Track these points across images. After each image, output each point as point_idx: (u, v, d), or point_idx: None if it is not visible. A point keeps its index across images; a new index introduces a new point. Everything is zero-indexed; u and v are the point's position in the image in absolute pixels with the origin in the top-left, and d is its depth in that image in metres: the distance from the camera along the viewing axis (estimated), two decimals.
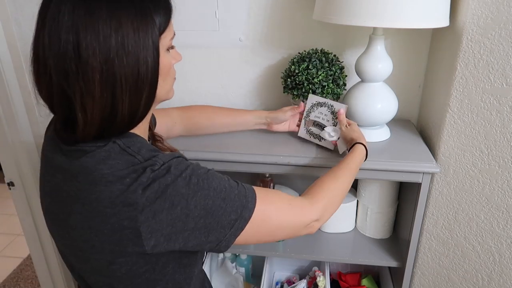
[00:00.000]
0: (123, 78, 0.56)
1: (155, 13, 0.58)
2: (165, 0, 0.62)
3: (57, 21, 0.55)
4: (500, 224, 1.07)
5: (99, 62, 0.54)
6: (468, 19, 0.92)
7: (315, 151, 1.07)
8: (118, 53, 0.55)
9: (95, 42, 0.54)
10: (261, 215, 0.67)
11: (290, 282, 1.50)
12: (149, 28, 0.57)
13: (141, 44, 0.57)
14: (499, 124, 0.98)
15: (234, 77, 1.34)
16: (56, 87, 0.57)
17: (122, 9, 0.55)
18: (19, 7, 1.34)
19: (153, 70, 0.60)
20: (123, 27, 0.55)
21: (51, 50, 0.55)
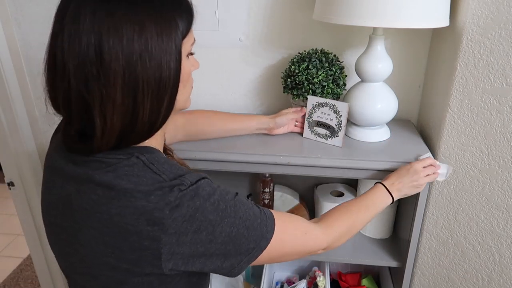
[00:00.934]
0: (146, 83, 0.55)
1: (178, 17, 0.57)
2: (187, 5, 0.61)
3: (78, 24, 0.52)
4: (500, 224, 1.07)
5: (122, 66, 0.53)
6: (468, 19, 0.92)
7: (315, 151, 1.07)
8: (142, 56, 0.53)
9: (118, 45, 0.52)
10: (276, 243, 0.67)
11: (290, 282, 1.50)
12: (172, 32, 0.56)
13: (164, 48, 0.55)
14: (499, 124, 0.98)
15: (234, 77, 1.34)
16: (74, 93, 0.54)
17: (145, 12, 0.54)
18: (19, 7, 1.34)
19: (175, 75, 0.58)
20: (147, 30, 0.53)
21: (70, 54, 0.52)
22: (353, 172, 1.04)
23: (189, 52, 0.63)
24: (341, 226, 0.81)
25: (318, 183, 1.39)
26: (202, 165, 1.08)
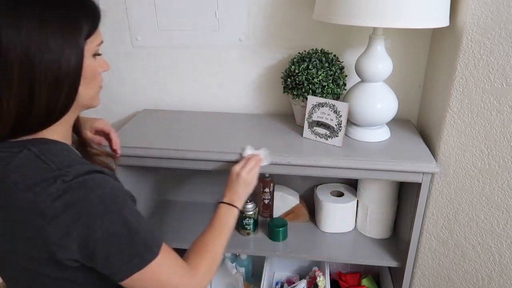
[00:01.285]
0: (43, 74, 0.59)
1: (83, 18, 0.62)
2: (94, 7, 0.65)
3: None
4: (500, 224, 1.07)
5: (19, 56, 0.57)
6: (468, 19, 0.92)
7: (315, 151, 1.07)
8: (40, 49, 0.58)
9: (16, 37, 0.56)
10: (157, 265, 0.66)
11: (290, 282, 1.50)
12: (74, 31, 0.61)
13: (65, 44, 0.60)
14: (499, 124, 0.98)
15: (234, 77, 1.34)
16: None
17: (49, 10, 0.59)
18: None
19: (75, 70, 0.62)
20: (48, 26, 0.58)
21: None
22: (353, 172, 1.04)
23: (95, 52, 0.68)
24: (206, 263, 0.79)
25: (318, 183, 1.39)
26: (202, 165, 1.09)
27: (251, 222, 1.28)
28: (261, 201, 1.37)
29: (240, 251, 1.32)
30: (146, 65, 1.37)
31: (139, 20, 1.30)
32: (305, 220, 1.37)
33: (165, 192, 1.54)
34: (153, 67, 1.37)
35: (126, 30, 1.32)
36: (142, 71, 1.38)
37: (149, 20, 1.29)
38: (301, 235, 1.31)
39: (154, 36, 1.31)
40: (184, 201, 1.52)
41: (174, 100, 1.42)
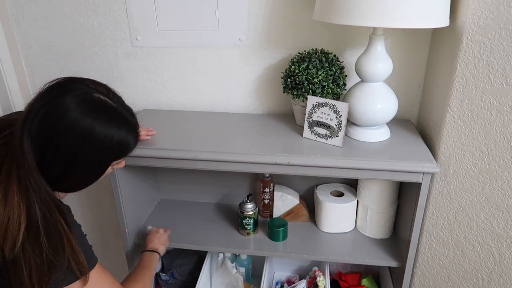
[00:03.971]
0: (77, 170, 0.79)
1: (124, 152, 0.85)
2: (130, 150, 0.86)
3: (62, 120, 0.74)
4: (500, 224, 1.07)
5: (72, 151, 0.76)
6: (468, 19, 0.92)
7: (315, 151, 1.07)
8: (85, 152, 0.77)
9: (80, 138, 0.76)
10: (93, 281, 0.82)
11: (290, 282, 1.50)
12: (112, 156, 0.84)
13: (101, 160, 0.82)
14: (499, 124, 0.98)
15: (234, 77, 1.34)
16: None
17: (105, 136, 0.78)
18: (19, 7, 1.34)
19: (97, 177, 0.85)
20: (98, 141, 0.77)
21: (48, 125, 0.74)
22: (353, 172, 1.04)
23: (116, 164, 0.89)
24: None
25: (318, 183, 1.39)
26: (202, 165, 1.09)
27: (251, 222, 1.28)
28: (261, 201, 1.37)
29: (240, 251, 1.32)
30: (146, 65, 1.37)
31: (139, 20, 1.30)
32: (305, 220, 1.37)
33: (165, 192, 1.54)
34: (153, 67, 1.37)
35: (126, 30, 1.32)
36: (142, 71, 1.38)
37: (149, 20, 1.29)
38: (301, 235, 1.31)
39: (154, 36, 1.31)
40: (184, 201, 1.52)
41: (174, 100, 1.42)
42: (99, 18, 1.32)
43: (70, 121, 0.73)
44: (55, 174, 0.77)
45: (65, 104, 0.73)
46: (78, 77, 0.81)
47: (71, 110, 0.73)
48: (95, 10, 1.31)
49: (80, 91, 0.76)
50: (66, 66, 1.41)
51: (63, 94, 0.74)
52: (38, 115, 0.73)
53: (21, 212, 0.72)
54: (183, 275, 1.47)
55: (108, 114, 0.78)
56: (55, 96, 0.74)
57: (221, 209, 1.47)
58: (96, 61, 1.39)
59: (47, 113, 0.73)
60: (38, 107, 0.73)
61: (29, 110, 0.74)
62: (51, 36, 1.37)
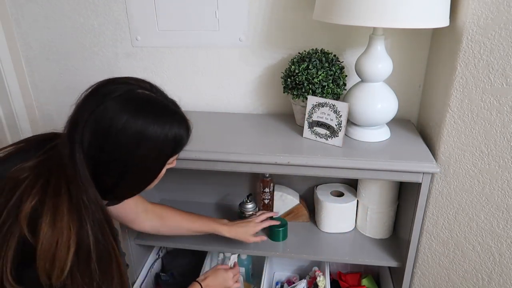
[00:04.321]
0: (132, 173, 0.74)
1: (179, 146, 0.78)
2: (185, 144, 0.80)
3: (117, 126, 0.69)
4: (500, 224, 1.07)
5: (127, 156, 0.71)
6: (468, 19, 0.92)
7: (315, 151, 1.07)
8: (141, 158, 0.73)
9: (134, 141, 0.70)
10: None
11: (290, 282, 1.50)
12: (166, 158, 0.77)
13: (160, 159, 0.76)
14: (499, 124, 0.98)
15: (234, 77, 1.34)
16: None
17: (158, 135, 0.72)
18: (19, 7, 1.34)
19: (153, 178, 0.79)
20: (153, 141, 0.72)
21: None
22: (353, 172, 1.04)
23: (170, 164, 0.82)
24: None
25: (318, 183, 1.39)
26: (202, 165, 1.09)
27: None
28: (261, 201, 1.37)
29: (240, 251, 1.32)
30: (146, 65, 1.37)
31: (139, 20, 1.30)
32: (305, 220, 1.37)
33: (165, 192, 1.54)
34: (153, 67, 1.37)
35: (126, 30, 1.32)
36: (142, 71, 1.38)
37: (149, 20, 1.29)
38: (301, 235, 1.31)
39: (154, 36, 1.31)
40: (184, 201, 1.52)
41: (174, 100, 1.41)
42: (99, 18, 1.32)
43: (121, 125, 0.68)
44: (108, 185, 0.72)
45: (112, 108, 0.68)
46: (116, 77, 0.76)
47: (120, 113, 0.68)
48: (95, 10, 1.31)
49: (122, 90, 0.71)
50: (66, 66, 1.41)
51: (107, 97, 0.70)
52: (87, 125, 0.68)
53: (71, 234, 0.65)
54: (183, 275, 1.47)
55: (157, 110, 0.73)
56: (99, 102, 0.69)
57: (221, 209, 1.47)
58: (96, 61, 1.39)
59: (96, 121, 0.68)
60: (85, 116, 0.68)
61: (75, 122, 0.69)
62: (51, 36, 1.37)
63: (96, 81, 1.48)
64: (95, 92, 0.72)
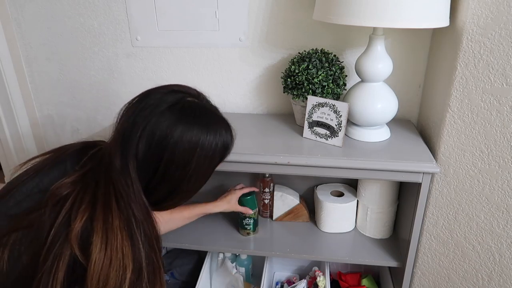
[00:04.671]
0: (186, 180, 0.74)
1: (226, 155, 0.80)
2: (231, 150, 0.81)
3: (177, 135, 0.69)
4: (500, 224, 1.07)
5: (183, 167, 0.71)
6: (468, 19, 0.92)
7: (315, 151, 1.07)
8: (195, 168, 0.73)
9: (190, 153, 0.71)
10: None
11: (290, 282, 1.50)
12: (217, 162, 0.78)
13: (211, 166, 0.77)
14: (499, 124, 0.98)
15: (234, 77, 1.34)
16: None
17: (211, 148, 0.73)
18: (19, 7, 1.34)
19: (203, 183, 0.80)
20: (206, 149, 0.73)
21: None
22: (353, 172, 1.04)
23: None
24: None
25: (318, 183, 1.39)
26: None
27: (251, 222, 1.28)
28: (261, 201, 1.37)
29: (240, 251, 1.32)
30: (146, 65, 1.37)
31: (139, 20, 1.30)
32: (305, 220, 1.37)
33: None
34: (153, 67, 1.37)
35: (126, 30, 1.32)
36: (142, 71, 1.38)
37: (149, 20, 1.29)
38: (301, 235, 1.31)
39: (154, 36, 1.31)
40: None
41: None
42: (99, 18, 1.32)
43: (178, 135, 0.67)
44: (161, 196, 0.72)
45: (167, 119, 0.67)
46: (160, 86, 0.75)
47: (175, 124, 0.68)
48: (95, 10, 1.31)
49: (173, 99, 0.71)
50: (66, 66, 1.41)
51: (159, 108, 0.69)
52: (141, 137, 0.67)
53: (125, 253, 0.62)
54: (183, 275, 1.47)
55: (208, 119, 0.73)
56: (151, 113, 0.68)
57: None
58: (96, 61, 1.39)
59: (151, 133, 0.67)
60: (139, 128, 0.67)
61: (127, 134, 0.68)
62: (51, 36, 1.37)
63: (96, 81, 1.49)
64: (143, 102, 0.71)
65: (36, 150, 1.53)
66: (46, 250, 0.60)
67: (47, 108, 1.49)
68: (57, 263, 0.60)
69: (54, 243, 0.60)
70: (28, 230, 0.62)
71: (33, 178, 0.70)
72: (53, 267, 0.59)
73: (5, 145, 1.47)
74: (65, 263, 0.60)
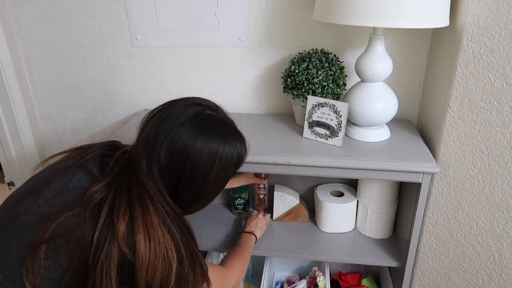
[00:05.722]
0: (206, 190, 0.79)
1: (239, 166, 0.83)
2: (245, 160, 0.84)
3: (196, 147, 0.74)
4: (500, 224, 1.07)
5: (203, 176, 0.76)
6: (468, 19, 0.92)
7: (315, 151, 1.07)
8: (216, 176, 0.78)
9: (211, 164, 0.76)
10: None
11: (290, 282, 1.50)
12: (233, 172, 0.82)
13: (226, 178, 0.81)
14: (499, 124, 0.98)
15: (234, 77, 1.34)
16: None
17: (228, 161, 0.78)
18: (19, 7, 1.34)
19: (219, 191, 0.84)
20: (223, 161, 0.77)
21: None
22: (353, 172, 1.04)
23: None
24: (240, 268, 1.08)
25: (318, 183, 1.39)
26: None
27: (242, 202, 1.36)
28: (256, 196, 1.39)
29: None
30: (146, 65, 1.37)
31: (139, 20, 1.30)
32: (305, 220, 1.37)
33: None
34: (153, 67, 1.37)
35: (126, 30, 1.32)
36: (142, 71, 1.38)
37: (149, 20, 1.29)
38: (301, 235, 1.31)
39: (154, 36, 1.31)
40: None
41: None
42: (99, 18, 1.32)
43: (197, 147, 0.72)
44: (186, 202, 0.78)
45: (186, 131, 0.72)
46: (181, 98, 0.80)
47: (195, 136, 0.73)
48: (95, 10, 1.31)
49: (193, 112, 0.75)
50: (66, 66, 1.41)
51: (180, 119, 0.73)
52: (163, 147, 0.72)
53: (168, 245, 0.70)
54: None
55: (226, 131, 0.78)
56: (175, 123, 0.73)
57: (221, 209, 1.47)
58: (96, 61, 1.39)
59: (172, 144, 0.72)
60: (161, 138, 0.72)
61: (151, 143, 0.73)
62: (51, 36, 1.37)
63: (96, 81, 1.49)
64: (167, 112, 0.75)
65: (36, 150, 1.53)
66: (94, 252, 0.65)
67: (47, 108, 1.49)
68: (108, 263, 0.65)
69: (100, 245, 0.66)
70: (70, 236, 0.66)
71: (61, 178, 0.74)
72: (104, 267, 0.65)
73: (5, 145, 1.47)
74: (115, 262, 0.65)
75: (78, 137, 1.52)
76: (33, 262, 0.65)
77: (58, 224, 0.66)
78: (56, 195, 0.71)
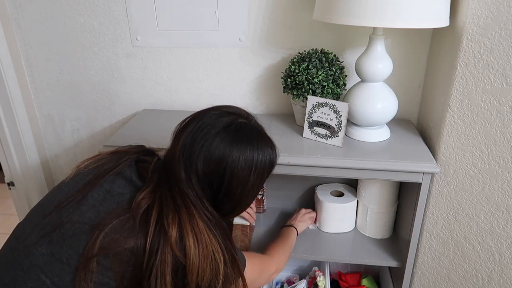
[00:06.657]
0: (242, 199, 0.81)
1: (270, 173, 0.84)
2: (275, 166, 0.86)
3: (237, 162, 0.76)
4: (500, 224, 1.07)
5: (242, 185, 0.78)
6: (468, 19, 0.92)
7: (315, 151, 1.07)
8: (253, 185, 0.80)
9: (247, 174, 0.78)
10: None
11: (290, 282, 1.50)
12: (264, 181, 0.84)
13: (260, 187, 0.84)
14: (499, 124, 0.98)
15: (234, 77, 1.34)
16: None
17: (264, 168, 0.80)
18: (19, 7, 1.34)
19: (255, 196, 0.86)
20: (258, 172, 0.79)
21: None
22: (353, 172, 1.04)
23: None
24: (279, 256, 1.10)
25: (318, 183, 1.39)
26: None
27: None
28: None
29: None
30: (146, 65, 1.37)
31: (139, 20, 1.30)
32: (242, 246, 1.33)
33: None
34: (153, 67, 1.37)
35: (126, 30, 1.32)
36: (142, 71, 1.38)
37: (149, 20, 1.29)
38: (301, 235, 1.30)
39: (154, 36, 1.31)
40: None
41: (174, 100, 1.42)
42: (99, 18, 1.32)
43: (234, 155, 0.74)
44: (226, 210, 0.80)
45: (222, 140, 0.74)
46: (214, 107, 0.81)
47: (231, 145, 0.74)
48: (95, 10, 1.31)
49: (226, 121, 0.76)
50: (66, 66, 1.41)
51: (214, 129, 0.75)
52: (199, 156, 0.73)
53: (215, 247, 0.72)
54: None
55: (259, 139, 0.79)
56: (210, 133, 0.74)
57: None
58: (96, 61, 1.39)
59: (209, 154, 0.73)
60: (198, 147, 0.74)
61: (187, 151, 0.74)
62: (51, 36, 1.37)
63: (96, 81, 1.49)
64: (201, 122, 0.76)
65: (36, 150, 1.52)
66: (148, 259, 0.67)
67: (47, 108, 1.49)
68: (163, 268, 0.68)
69: (153, 251, 0.68)
70: (122, 245, 0.68)
71: (102, 185, 0.75)
72: (158, 272, 0.67)
73: (5, 145, 1.47)
74: (169, 266, 0.68)
75: (78, 137, 1.52)
76: (85, 271, 0.66)
77: (108, 233, 0.67)
78: (101, 201, 0.72)
